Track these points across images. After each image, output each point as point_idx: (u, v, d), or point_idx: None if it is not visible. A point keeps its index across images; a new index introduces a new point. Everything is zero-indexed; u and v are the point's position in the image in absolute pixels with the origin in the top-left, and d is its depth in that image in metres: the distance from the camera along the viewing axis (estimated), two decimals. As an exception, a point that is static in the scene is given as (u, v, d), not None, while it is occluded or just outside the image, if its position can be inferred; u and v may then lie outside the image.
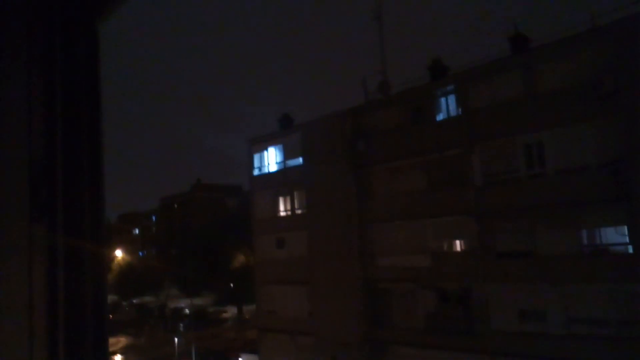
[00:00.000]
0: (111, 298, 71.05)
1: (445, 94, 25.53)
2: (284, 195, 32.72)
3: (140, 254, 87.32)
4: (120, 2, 1.43)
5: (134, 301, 66.35)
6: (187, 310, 53.51)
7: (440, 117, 25.76)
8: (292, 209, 32.22)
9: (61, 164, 1.31)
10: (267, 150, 34.11)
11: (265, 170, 34.18)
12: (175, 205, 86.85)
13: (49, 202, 1.29)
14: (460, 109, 24.72)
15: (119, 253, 74.50)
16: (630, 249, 19.66)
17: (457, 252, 25.35)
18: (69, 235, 1.31)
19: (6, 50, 1.32)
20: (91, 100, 1.40)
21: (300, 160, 31.46)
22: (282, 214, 33.01)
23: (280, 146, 33.24)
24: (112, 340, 49.52)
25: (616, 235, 20.61)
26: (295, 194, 31.84)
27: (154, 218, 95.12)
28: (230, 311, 58.00)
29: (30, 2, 1.35)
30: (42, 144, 1.30)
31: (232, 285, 56.97)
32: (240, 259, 57.51)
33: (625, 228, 20.01)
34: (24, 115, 1.30)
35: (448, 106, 25.49)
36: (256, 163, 34.82)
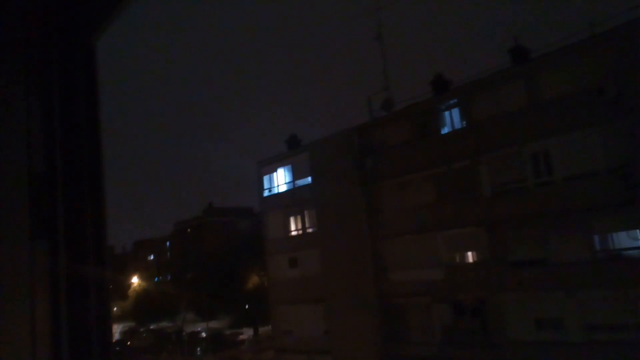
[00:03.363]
0: (128, 325, 71.30)
1: (449, 108, 25.78)
2: (295, 215, 32.94)
3: (156, 279, 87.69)
4: (114, 19, 1.43)
5: (151, 327, 66.46)
6: (203, 334, 53.50)
7: (445, 130, 25.98)
8: (304, 228, 32.40)
9: (61, 179, 1.32)
10: (276, 171, 34.47)
11: (275, 191, 34.50)
12: (189, 230, 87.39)
13: (49, 217, 1.28)
14: (464, 122, 24.93)
15: (135, 280, 74.92)
16: (644, 253, 19.55)
17: (470, 264, 25.29)
18: (70, 253, 1.30)
19: (4, 68, 1.34)
20: (90, 114, 1.41)
21: (309, 179, 31.75)
22: (294, 233, 33.19)
23: (289, 167, 33.59)
24: (130, 367, 49.58)
25: (629, 240, 20.49)
26: (306, 213, 32.05)
27: (168, 244, 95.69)
28: (247, 333, 57.86)
29: (26, 21, 1.35)
30: (42, 160, 1.30)
31: (247, 306, 56.94)
32: (254, 280, 57.57)
33: (638, 232, 19.93)
34: (23, 132, 1.31)
35: (452, 119, 25.72)
36: (266, 184, 35.19)
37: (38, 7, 1.37)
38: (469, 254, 25.52)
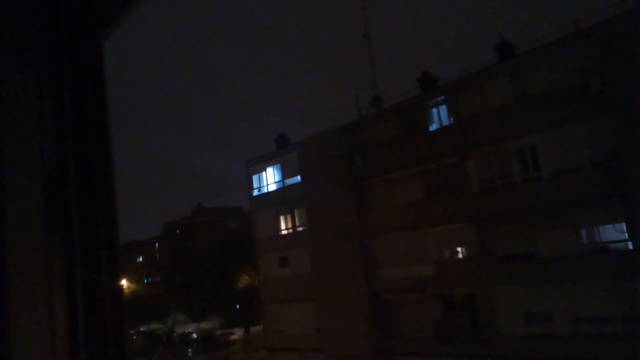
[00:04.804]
0: (118, 328, 70.41)
1: (437, 105, 25.92)
2: (285, 214, 32.92)
3: (145, 281, 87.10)
4: (121, 20, 1.44)
5: (142, 329, 66.03)
6: (194, 335, 53.29)
7: (433, 127, 26.12)
8: (294, 226, 32.40)
9: (74, 179, 1.35)
10: (265, 170, 34.42)
11: (265, 190, 34.45)
12: (178, 231, 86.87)
13: (64, 217, 1.31)
14: (452, 118, 25.09)
15: (124, 282, 74.29)
16: (630, 245, 19.82)
17: (459, 259, 25.45)
18: (85, 256, 1.32)
19: (16, 71, 1.35)
20: (99, 115, 1.43)
21: (298, 178, 31.74)
22: (284, 232, 33.17)
23: (278, 165, 33.56)
24: (121, 370, 49.11)
25: (615, 233, 20.75)
26: (296, 211, 32.05)
27: (157, 245, 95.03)
28: (238, 333, 57.75)
29: (34, 22, 1.36)
30: (55, 162, 1.33)
31: (238, 306, 56.79)
32: (245, 280, 57.44)
33: (624, 225, 20.18)
34: (36, 134, 1.33)
35: (440, 116, 25.88)
36: (255, 184, 35.12)
37: (46, 8, 1.38)
38: (459, 249, 25.70)
